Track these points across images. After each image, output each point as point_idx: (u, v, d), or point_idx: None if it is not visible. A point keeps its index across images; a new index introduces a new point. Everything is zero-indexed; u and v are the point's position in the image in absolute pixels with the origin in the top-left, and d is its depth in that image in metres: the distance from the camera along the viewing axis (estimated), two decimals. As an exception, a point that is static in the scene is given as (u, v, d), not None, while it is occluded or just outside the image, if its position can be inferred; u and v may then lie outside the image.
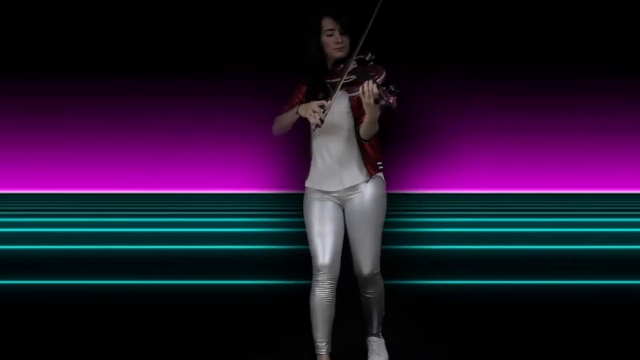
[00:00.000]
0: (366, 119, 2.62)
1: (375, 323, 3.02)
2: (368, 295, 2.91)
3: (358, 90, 2.53)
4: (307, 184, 2.87)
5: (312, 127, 2.66)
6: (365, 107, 2.54)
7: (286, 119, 2.75)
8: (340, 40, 2.71)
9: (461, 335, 3.48)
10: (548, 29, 6.62)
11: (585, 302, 3.95)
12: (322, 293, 2.75)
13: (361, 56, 2.68)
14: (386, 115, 2.62)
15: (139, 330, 3.58)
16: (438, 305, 3.95)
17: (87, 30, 6.61)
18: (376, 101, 2.48)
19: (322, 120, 2.57)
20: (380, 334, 3.09)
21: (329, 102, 2.61)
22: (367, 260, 2.80)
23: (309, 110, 2.59)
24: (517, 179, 7.41)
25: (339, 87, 2.63)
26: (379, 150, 2.82)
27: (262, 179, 7.84)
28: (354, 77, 2.64)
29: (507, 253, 5.11)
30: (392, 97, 2.42)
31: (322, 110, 2.59)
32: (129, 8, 6.47)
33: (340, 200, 2.82)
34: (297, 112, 2.68)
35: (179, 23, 6.93)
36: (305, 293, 2.80)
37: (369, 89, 2.47)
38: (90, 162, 7.60)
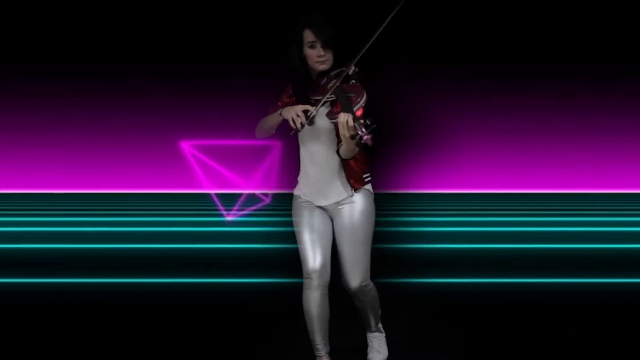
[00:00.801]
0: (343, 145, 2.57)
1: (372, 322, 3.04)
2: (360, 304, 2.93)
3: (336, 117, 2.47)
4: (296, 192, 2.87)
5: (291, 131, 2.60)
6: (341, 136, 2.49)
7: (270, 122, 2.72)
8: (322, 53, 2.62)
9: (460, 332, 3.48)
10: (548, 30, 6.63)
11: (585, 300, 3.95)
12: (315, 296, 2.75)
13: (344, 69, 2.60)
14: (364, 149, 2.55)
15: (138, 328, 3.58)
16: (437, 303, 3.96)
17: (79, 30, 6.62)
18: (352, 137, 2.42)
19: (302, 125, 2.55)
20: (381, 327, 3.10)
21: (315, 108, 2.58)
22: (355, 274, 2.77)
23: (292, 113, 2.56)
24: (517, 179, 7.43)
25: (320, 105, 2.59)
26: (365, 163, 2.79)
27: (262, 179, 7.85)
28: (333, 97, 2.57)
29: (507, 252, 5.11)
30: (366, 135, 2.35)
31: (305, 114, 2.56)
32: (125, 8, 6.48)
33: (329, 212, 2.82)
34: (280, 114, 2.65)
35: (180, 22, 6.93)
36: (301, 291, 2.80)
37: (344, 121, 2.42)
38: (93, 162, 7.62)
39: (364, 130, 2.36)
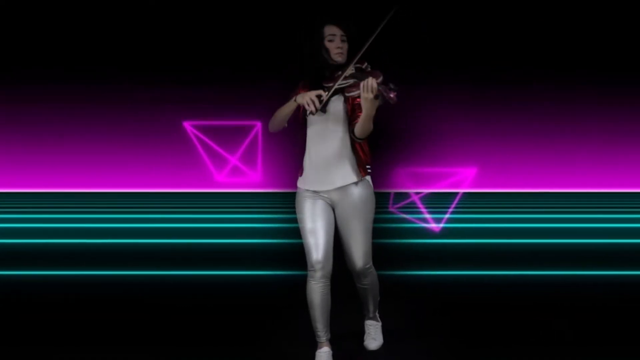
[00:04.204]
0: (362, 115, 2.70)
1: (371, 307, 3.18)
2: (363, 286, 3.07)
3: (357, 89, 2.66)
4: (299, 183, 3.00)
5: (307, 113, 2.78)
6: (363, 102, 2.65)
7: (284, 111, 2.87)
8: (340, 45, 2.84)
9: (456, 323, 3.57)
10: (547, 35, 6.72)
11: (582, 295, 4.04)
12: (318, 287, 2.89)
13: (358, 65, 2.82)
14: (385, 110, 2.69)
15: (142, 321, 3.67)
16: (433, 295, 4.07)
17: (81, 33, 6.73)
18: (376, 97, 2.61)
19: (316, 109, 2.72)
20: (378, 316, 3.24)
21: (327, 93, 2.75)
22: (359, 256, 2.94)
23: (306, 98, 2.73)
24: (519, 179, 7.52)
25: (336, 86, 2.76)
26: (369, 156, 2.95)
27: (266, 179, 7.95)
28: (352, 80, 2.76)
29: (505, 247, 5.22)
30: (392, 93, 2.56)
31: (318, 99, 2.73)
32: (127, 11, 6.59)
33: (331, 200, 2.94)
34: (295, 100, 2.81)
35: (183, 25, 7.03)
36: (305, 282, 2.92)
37: (368, 84, 2.60)
38: (106, 162, 7.72)
39: (387, 90, 2.57)
